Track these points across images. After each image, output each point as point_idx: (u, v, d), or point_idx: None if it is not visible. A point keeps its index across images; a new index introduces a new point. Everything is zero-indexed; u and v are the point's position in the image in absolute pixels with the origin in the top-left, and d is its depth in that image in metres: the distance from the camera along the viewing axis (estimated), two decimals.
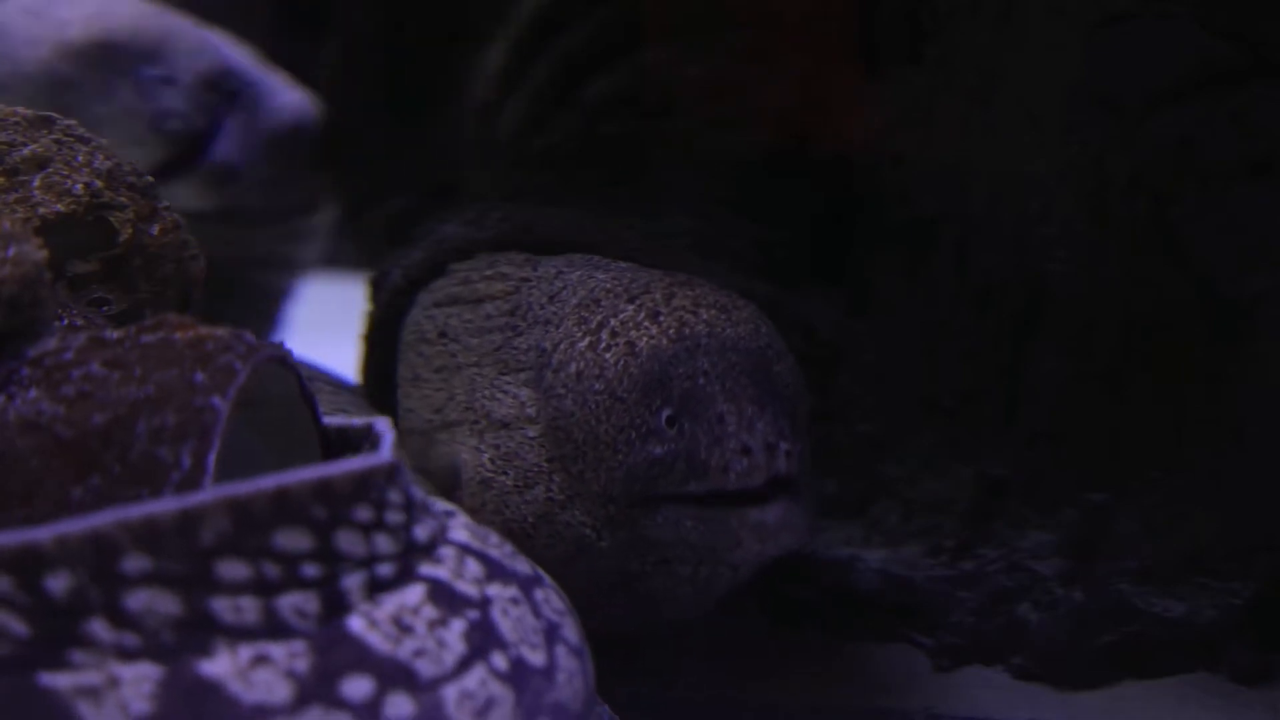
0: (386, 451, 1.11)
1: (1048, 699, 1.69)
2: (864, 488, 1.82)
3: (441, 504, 1.22)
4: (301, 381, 1.24)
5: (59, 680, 0.92)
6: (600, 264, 1.66)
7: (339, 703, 0.98)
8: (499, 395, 1.60)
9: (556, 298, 1.61)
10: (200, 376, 1.08)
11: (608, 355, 1.47)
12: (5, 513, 1.03)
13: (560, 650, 1.17)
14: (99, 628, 0.93)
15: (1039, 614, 1.71)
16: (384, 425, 1.21)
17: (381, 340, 1.90)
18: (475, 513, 1.62)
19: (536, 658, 1.14)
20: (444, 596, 1.08)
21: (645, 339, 1.46)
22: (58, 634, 0.93)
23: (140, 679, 0.93)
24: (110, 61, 2.02)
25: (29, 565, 0.92)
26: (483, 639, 1.08)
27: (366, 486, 1.05)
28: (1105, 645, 1.69)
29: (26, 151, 1.42)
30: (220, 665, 0.95)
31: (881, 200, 1.80)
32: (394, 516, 1.09)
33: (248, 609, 0.97)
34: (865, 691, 1.71)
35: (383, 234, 2.10)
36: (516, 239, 1.76)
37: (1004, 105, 1.70)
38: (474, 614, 1.09)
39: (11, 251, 1.13)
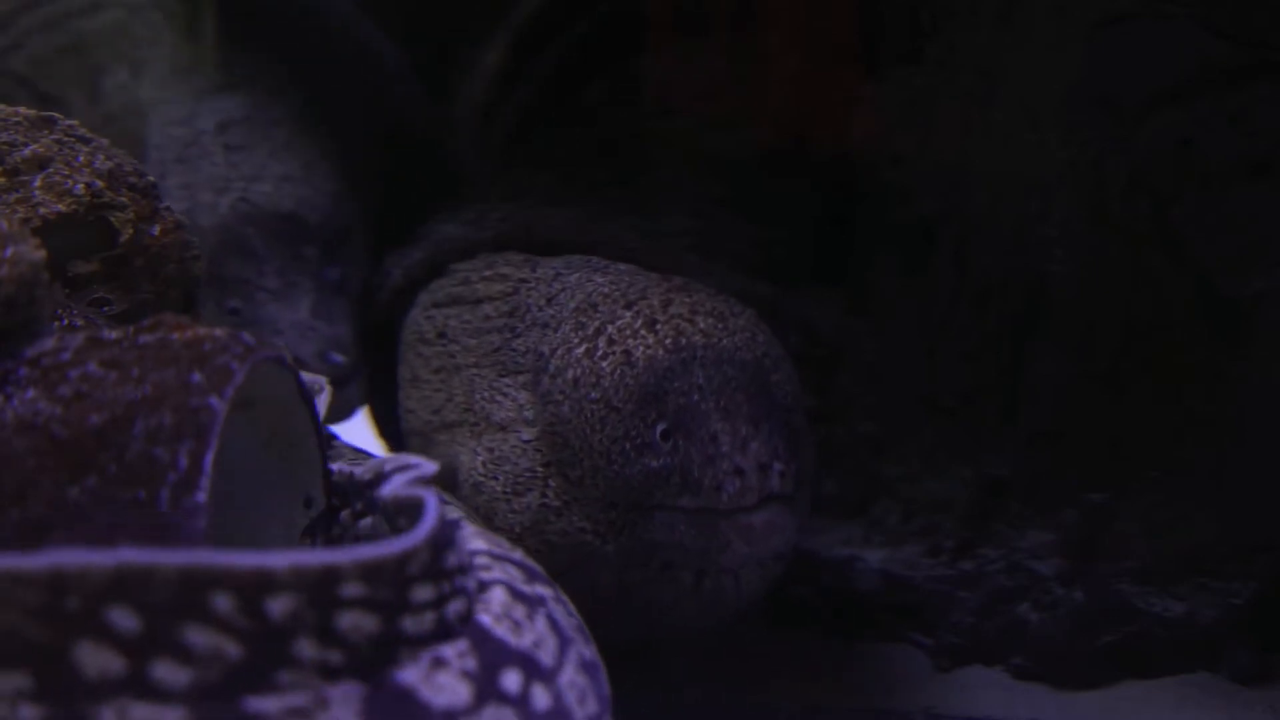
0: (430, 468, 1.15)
1: (1048, 699, 1.69)
2: (864, 488, 1.82)
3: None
4: (299, 382, 1.24)
5: (267, 704, 0.92)
6: (599, 266, 1.65)
7: (504, 698, 1.01)
8: (498, 397, 1.59)
9: (555, 300, 1.60)
10: (197, 377, 1.09)
11: (604, 364, 1.46)
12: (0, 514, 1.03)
13: (593, 648, 1.21)
14: (306, 647, 0.93)
15: (1039, 614, 1.71)
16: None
17: (382, 340, 1.90)
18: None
19: (588, 651, 1.19)
20: (519, 595, 1.11)
21: (642, 348, 1.45)
22: (268, 655, 0.92)
23: (347, 698, 0.94)
24: (294, 243, 1.68)
25: (257, 589, 0.91)
26: (559, 632, 1.12)
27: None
28: (1105, 645, 1.69)
29: (28, 151, 1.42)
30: (409, 674, 0.97)
31: (881, 200, 1.80)
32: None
33: (428, 620, 1.00)
34: (865, 691, 1.71)
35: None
36: (516, 239, 1.76)
37: (1004, 105, 1.70)
38: (543, 609, 1.13)
39: (9, 252, 1.13)
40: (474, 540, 1.17)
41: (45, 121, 1.47)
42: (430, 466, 1.17)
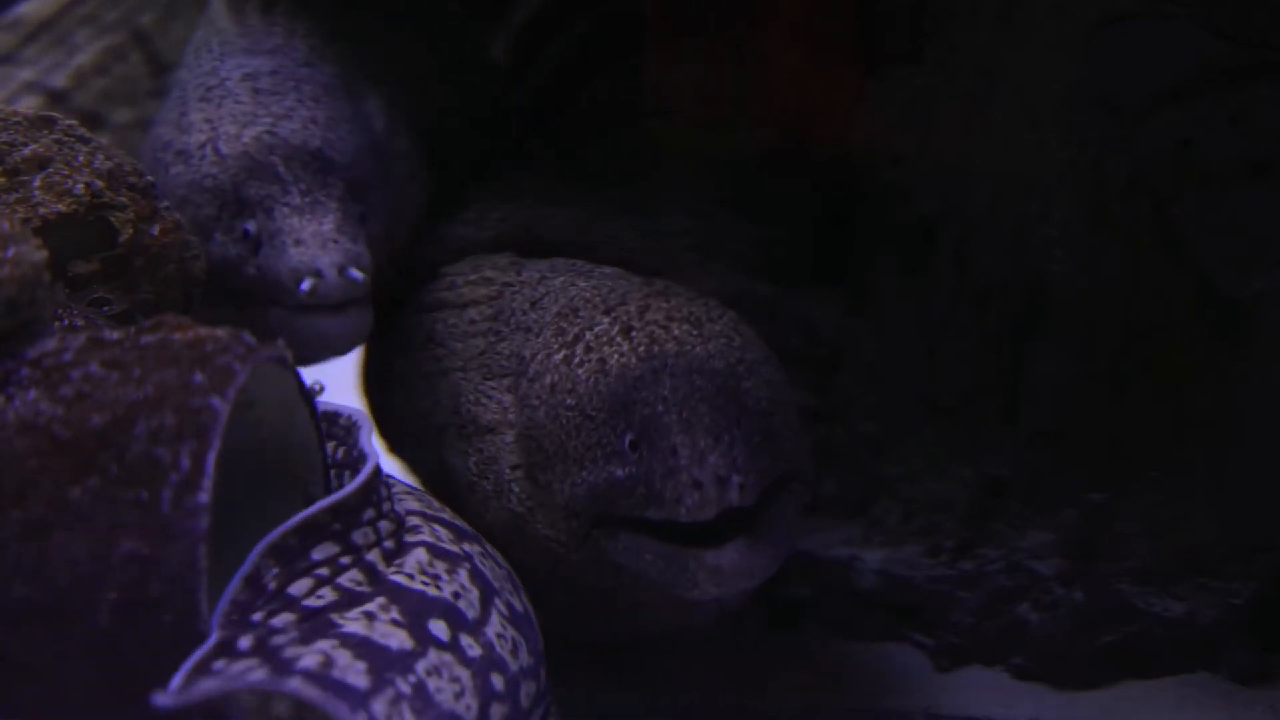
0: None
1: (1048, 699, 1.69)
2: (864, 488, 1.81)
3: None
4: (300, 382, 1.24)
5: None
6: (583, 270, 1.65)
7: (440, 644, 1.12)
8: (484, 400, 1.59)
9: (538, 304, 1.60)
10: (199, 377, 1.09)
11: (580, 371, 1.46)
12: (0, 515, 1.03)
13: (525, 599, 1.27)
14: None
15: (1039, 614, 1.71)
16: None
17: (380, 342, 1.90)
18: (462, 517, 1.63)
19: (518, 604, 1.27)
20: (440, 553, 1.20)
21: (616, 356, 1.44)
22: None
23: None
24: (320, 173, 1.61)
25: None
26: (485, 587, 1.21)
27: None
28: (1105, 645, 1.69)
29: (27, 151, 1.43)
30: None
31: (881, 200, 1.80)
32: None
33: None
34: (865, 691, 1.71)
35: None
36: (515, 239, 1.75)
37: (1004, 105, 1.70)
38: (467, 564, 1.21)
39: (10, 252, 1.14)
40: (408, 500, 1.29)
41: (45, 121, 1.48)
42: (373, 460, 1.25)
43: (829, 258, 1.84)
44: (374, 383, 1.93)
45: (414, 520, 1.28)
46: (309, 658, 1.03)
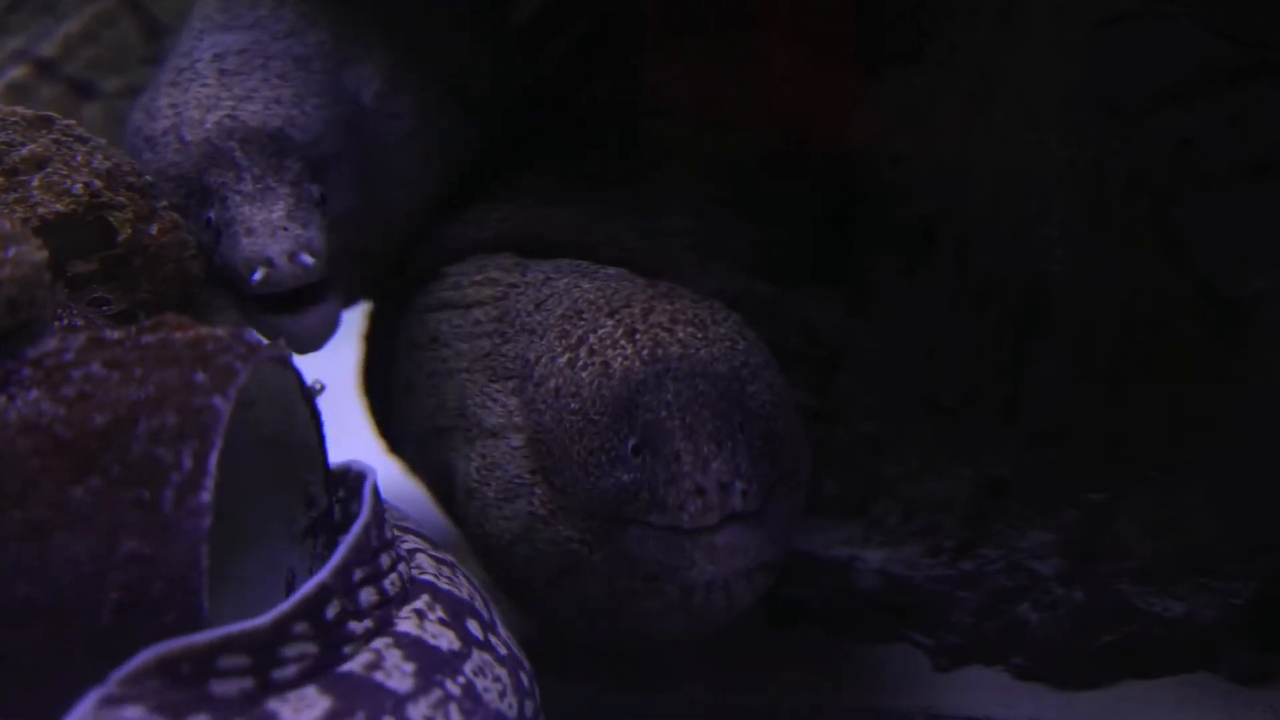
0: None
1: (1048, 699, 1.69)
2: (864, 488, 1.81)
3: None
4: (301, 381, 1.24)
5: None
6: (587, 271, 1.64)
7: (479, 644, 1.17)
8: (489, 403, 1.59)
9: (543, 305, 1.59)
10: (200, 377, 1.09)
11: (584, 374, 1.45)
12: (2, 515, 1.03)
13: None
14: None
15: (1039, 614, 1.71)
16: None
17: (380, 342, 1.90)
18: (461, 524, 1.62)
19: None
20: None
21: (620, 360, 1.43)
22: None
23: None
24: (277, 156, 1.61)
25: None
26: (477, 590, 1.25)
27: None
28: (1105, 645, 1.69)
29: (25, 151, 1.42)
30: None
31: (881, 200, 1.80)
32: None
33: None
34: (865, 691, 1.71)
35: None
36: (515, 239, 1.75)
37: (1004, 105, 1.70)
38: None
39: (11, 252, 1.13)
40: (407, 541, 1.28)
41: (43, 121, 1.47)
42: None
43: (829, 258, 1.84)
44: (374, 383, 1.93)
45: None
46: (363, 655, 1.07)
